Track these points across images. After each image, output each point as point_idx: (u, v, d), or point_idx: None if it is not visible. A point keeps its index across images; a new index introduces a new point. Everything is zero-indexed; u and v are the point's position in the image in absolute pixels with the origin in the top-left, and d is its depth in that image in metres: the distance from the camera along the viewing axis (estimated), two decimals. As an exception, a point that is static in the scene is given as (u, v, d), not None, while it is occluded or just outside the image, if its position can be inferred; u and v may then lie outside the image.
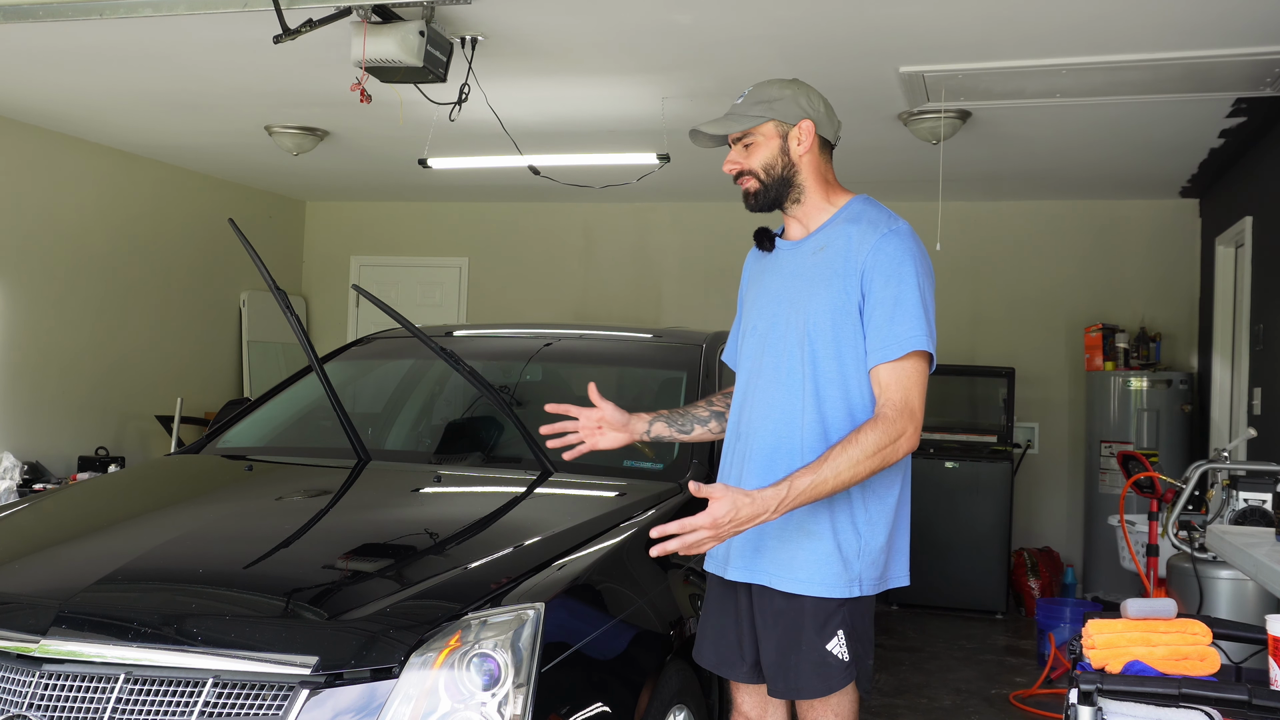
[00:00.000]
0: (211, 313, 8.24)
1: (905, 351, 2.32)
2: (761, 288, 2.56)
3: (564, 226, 8.69)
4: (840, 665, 2.37)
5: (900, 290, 2.34)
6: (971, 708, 4.93)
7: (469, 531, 2.85)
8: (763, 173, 2.46)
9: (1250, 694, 1.74)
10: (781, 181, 2.46)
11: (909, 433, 2.29)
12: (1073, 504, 7.66)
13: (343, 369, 4.05)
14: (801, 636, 2.37)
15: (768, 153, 2.46)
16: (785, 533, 2.39)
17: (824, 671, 2.36)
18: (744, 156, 2.48)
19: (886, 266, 2.35)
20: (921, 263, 2.38)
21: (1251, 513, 3.56)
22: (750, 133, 2.46)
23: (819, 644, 2.36)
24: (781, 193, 2.48)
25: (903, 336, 2.32)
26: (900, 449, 2.29)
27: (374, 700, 2.11)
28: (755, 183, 2.47)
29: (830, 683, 2.37)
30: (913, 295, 2.34)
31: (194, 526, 2.84)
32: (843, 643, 2.38)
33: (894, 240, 2.37)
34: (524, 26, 4.37)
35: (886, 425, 2.27)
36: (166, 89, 5.59)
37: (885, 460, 2.27)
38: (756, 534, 2.40)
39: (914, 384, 2.33)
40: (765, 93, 2.47)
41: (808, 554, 2.36)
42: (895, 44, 4.45)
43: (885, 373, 2.33)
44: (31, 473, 6.34)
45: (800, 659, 2.37)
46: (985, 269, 7.84)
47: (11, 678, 2.22)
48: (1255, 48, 4.31)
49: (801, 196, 2.48)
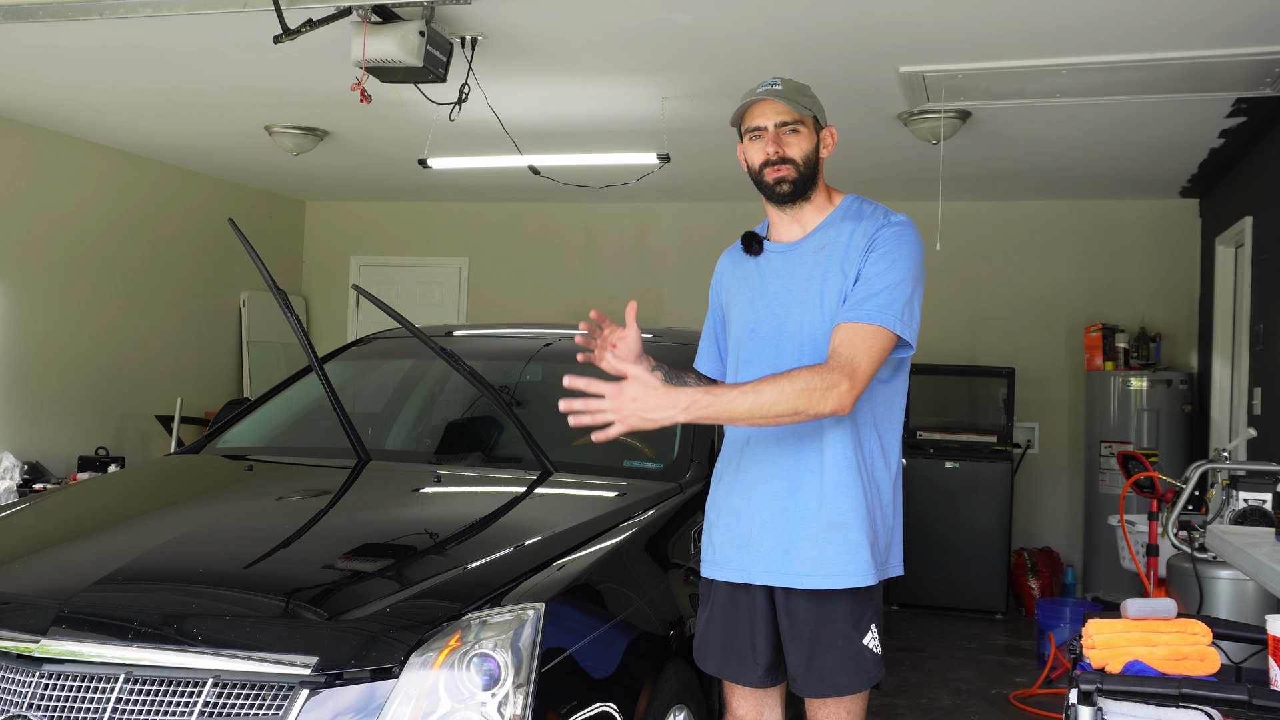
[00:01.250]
0: (211, 313, 8.24)
1: (871, 320, 2.32)
2: (755, 290, 2.56)
3: (564, 226, 8.69)
4: (875, 659, 2.42)
5: (888, 268, 2.36)
6: (971, 708, 4.93)
7: (469, 531, 2.85)
8: (802, 164, 2.47)
9: (1250, 694, 1.74)
10: (810, 177, 2.49)
11: (843, 388, 2.24)
12: (1073, 504, 7.66)
13: (343, 369, 4.05)
14: (837, 633, 2.39)
15: (809, 145, 2.48)
16: (816, 532, 2.39)
17: (860, 666, 2.40)
18: (787, 143, 2.47)
19: (882, 250, 2.39)
20: (918, 253, 2.42)
21: (1251, 513, 3.56)
22: (803, 120, 2.47)
23: (856, 639, 2.40)
24: (808, 187, 2.50)
25: (875, 307, 2.33)
26: (829, 400, 2.23)
27: (374, 700, 2.11)
28: (794, 171, 2.47)
29: (867, 677, 2.42)
30: (899, 277, 2.36)
31: (194, 526, 2.83)
32: (876, 636, 2.43)
33: (897, 228, 2.43)
34: (524, 26, 4.37)
35: (824, 373, 2.24)
36: (166, 89, 5.59)
37: (809, 404, 2.22)
38: (786, 538, 2.41)
39: (866, 349, 2.30)
40: (801, 89, 2.49)
41: (837, 547, 2.38)
42: (895, 44, 4.45)
43: (844, 330, 2.33)
44: (31, 473, 6.34)
45: (837, 655, 2.39)
46: (985, 269, 7.84)
47: (11, 678, 2.22)
48: (1255, 48, 4.31)
49: (813, 194, 2.52)
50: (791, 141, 2.46)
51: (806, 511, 2.40)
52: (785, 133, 2.46)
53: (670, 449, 3.41)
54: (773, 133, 2.46)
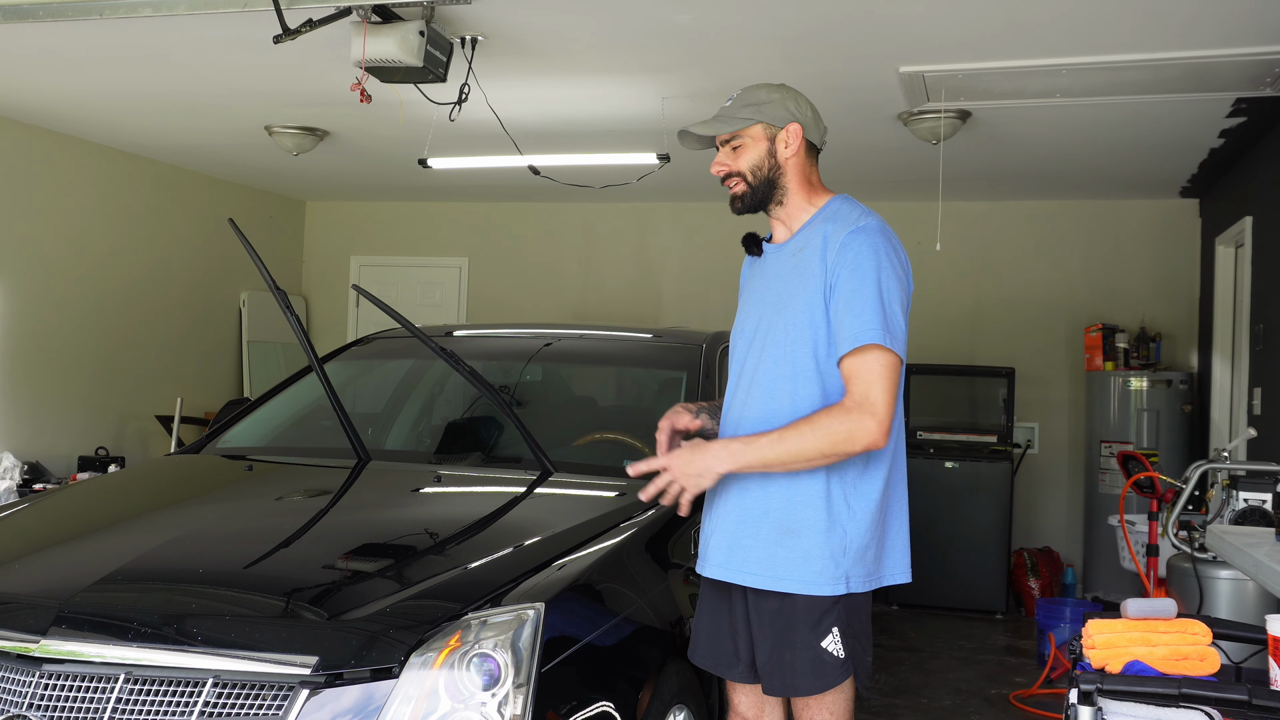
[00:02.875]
0: (211, 313, 8.24)
1: (858, 344, 2.31)
2: (750, 291, 2.60)
3: (564, 226, 8.69)
4: (836, 662, 2.37)
5: (859, 284, 2.34)
6: (971, 708, 4.93)
7: (469, 531, 2.85)
8: (750, 175, 2.48)
9: (1250, 694, 1.74)
10: (767, 183, 2.49)
11: (869, 427, 2.27)
12: (1073, 504, 7.66)
13: (343, 369, 4.05)
14: (796, 634, 2.38)
15: (755, 155, 2.48)
16: (761, 531, 2.40)
17: (820, 669, 2.37)
18: (732, 158, 2.51)
19: (849, 261, 2.36)
20: (886, 257, 2.37)
21: (1251, 513, 3.56)
22: (739, 135, 2.49)
23: (814, 641, 2.36)
24: (767, 195, 2.50)
25: (856, 330, 2.32)
26: (856, 441, 2.27)
27: (374, 700, 2.11)
28: (743, 185, 2.49)
29: (826, 679, 2.38)
30: (870, 289, 2.33)
31: (194, 526, 2.83)
32: (838, 639, 2.38)
33: (860, 236, 2.37)
34: (524, 26, 4.37)
35: (842, 415, 2.28)
36: (166, 89, 5.59)
37: (837, 449, 2.27)
38: (731, 533, 2.44)
39: (875, 377, 2.30)
40: (754, 95, 2.49)
41: (788, 552, 2.37)
42: (895, 44, 4.45)
43: (847, 366, 2.33)
44: (31, 473, 6.34)
45: (795, 656, 2.38)
46: (985, 269, 7.84)
47: (11, 678, 2.22)
48: (1255, 48, 4.30)
49: (784, 198, 2.51)
50: (735, 157, 2.51)
51: (754, 512, 2.41)
52: (729, 148, 2.52)
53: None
54: (720, 152, 2.53)
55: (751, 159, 2.48)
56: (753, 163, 2.48)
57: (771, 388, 2.43)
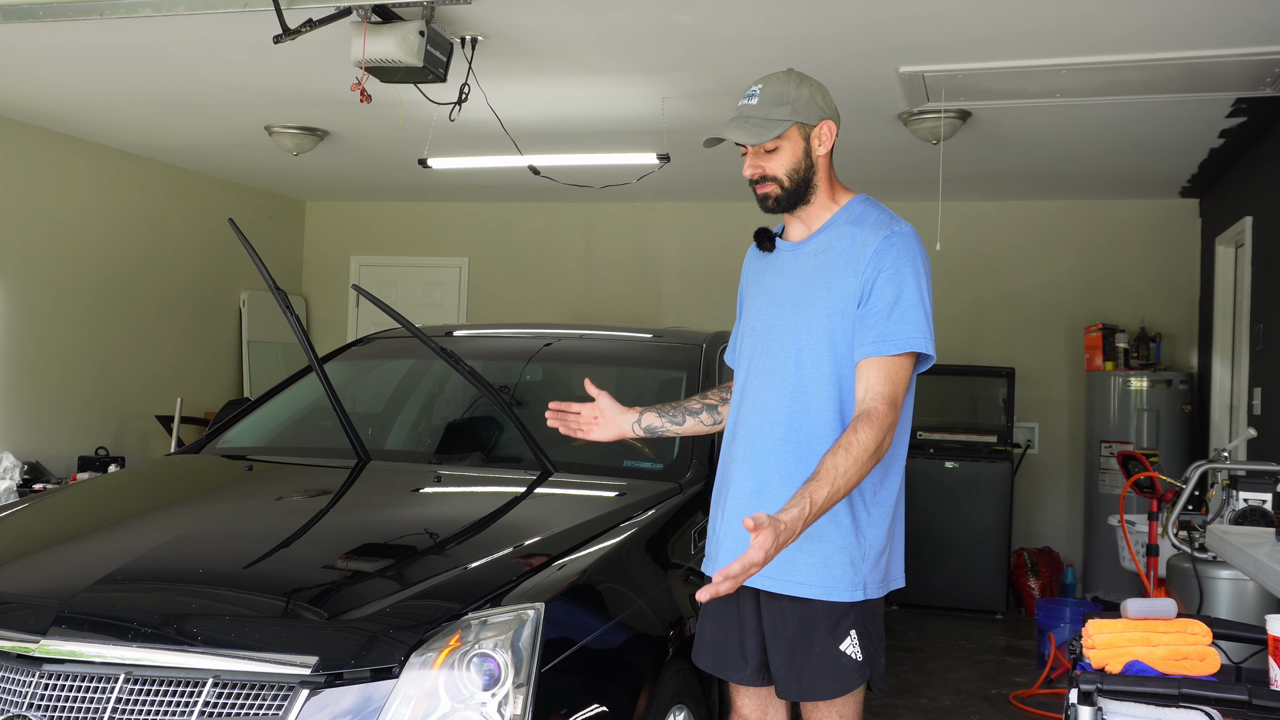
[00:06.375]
0: (211, 313, 8.24)
1: (903, 350, 2.31)
2: (762, 288, 2.54)
3: (564, 226, 8.69)
4: (854, 665, 2.37)
5: (902, 290, 2.32)
6: (971, 708, 4.93)
7: (469, 531, 2.85)
8: (787, 179, 2.41)
9: (1250, 694, 1.74)
10: (804, 184, 2.43)
11: (891, 428, 2.28)
12: (1073, 504, 7.66)
13: (343, 369, 4.05)
14: (814, 638, 2.37)
15: (793, 157, 2.40)
16: None
17: (838, 672, 2.37)
18: (767, 161, 2.41)
19: (890, 267, 2.33)
20: (924, 265, 2.37)
21: (1251, 513, 3.56)
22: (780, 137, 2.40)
23: (832, 645, 2.36)
24: (802, 195, 2.44)
25: (902, 335, 2.31)
26: (887, 444, 2.28)
27: (374, 700, 2.10)
28: (778, 188, 2.42)
29: (845, 683, 2.38)
30: (914, 296, 2.32)
31: (194, 526, 2.83)
32: (856, 643, 2.38)
33: (899, 242, 2.36)
34: (524, 26, 4.37)
35: (880, 421, 2.25)
36: (166, 89, 5.59)
37: (880, 456, 2.26)
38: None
39: (901, 381, 2.32)
40: (782, 92, 2.40)
41: (807, 556, 2.35)
42: (895, 44, 4.45)
43: (876, 366, 2.31)
44: (31, 473, 6.34)
45: (813, 660, 2.37)
46: (985, 269, 7.84)
47: (11, 678, 2.21)
48: (1255, 48, 4.30)
49: (812, 197, 2.45)
50: (770, 160, 2.41)
51: None
52: (763, 152, 2.41)
53: (670, 449, 3.41)
54: (751, 153, 2.43)
55: (789, 162, 2.40)
56: (790, 165, 2.40)
57: (785, 388, 2.40)
